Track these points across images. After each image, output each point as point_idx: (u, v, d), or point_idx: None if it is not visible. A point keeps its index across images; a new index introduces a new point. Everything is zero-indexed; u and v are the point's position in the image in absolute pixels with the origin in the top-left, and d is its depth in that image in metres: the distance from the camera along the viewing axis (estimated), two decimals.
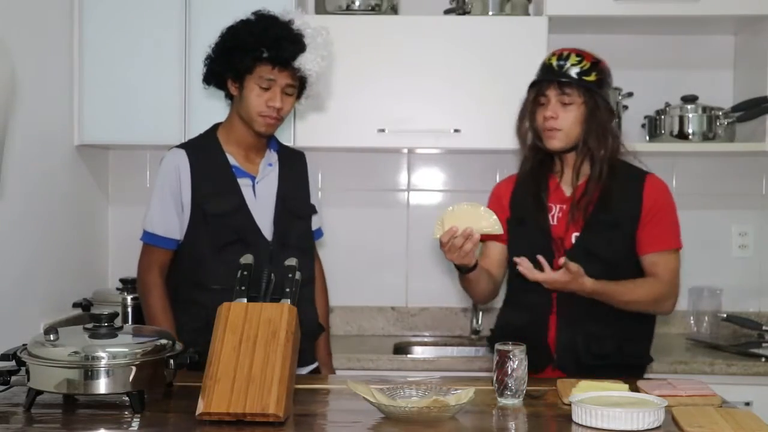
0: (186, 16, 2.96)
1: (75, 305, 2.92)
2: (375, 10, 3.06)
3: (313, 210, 2.47)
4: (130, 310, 2.93)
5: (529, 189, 2.32)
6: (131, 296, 2.95)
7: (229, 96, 2.37)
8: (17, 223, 2.55)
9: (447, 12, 3.14)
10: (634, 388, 1.90)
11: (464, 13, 3.08)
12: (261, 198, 2.34)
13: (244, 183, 2.33)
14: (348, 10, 3.05)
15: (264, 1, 2.92)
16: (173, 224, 2.31)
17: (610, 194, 2.22)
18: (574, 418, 1.71)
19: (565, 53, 2.25)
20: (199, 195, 2.29)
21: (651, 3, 2.98)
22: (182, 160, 2.31)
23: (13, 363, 1.82)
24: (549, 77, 2.24)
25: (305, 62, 2.26)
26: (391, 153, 3.39)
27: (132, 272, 3.07)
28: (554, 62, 2.25)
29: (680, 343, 3.13)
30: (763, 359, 2.81)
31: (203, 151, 2.35)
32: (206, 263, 2.27)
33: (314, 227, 2.50)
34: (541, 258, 2.12)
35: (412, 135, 3.03)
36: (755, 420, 1.69)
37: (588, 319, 2.19)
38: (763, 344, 3.02)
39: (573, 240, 2.24)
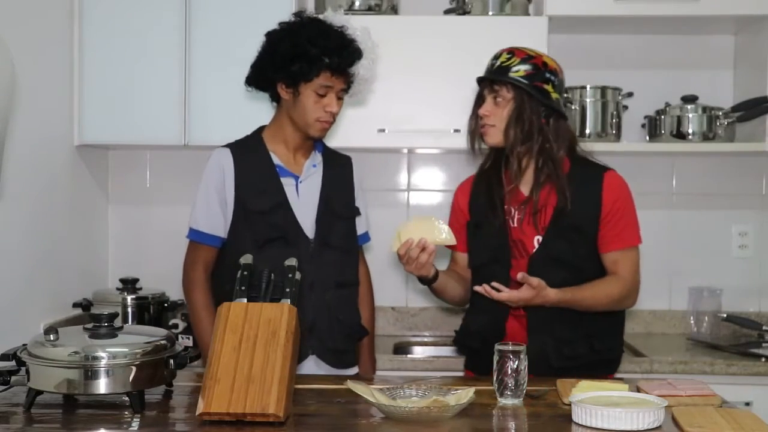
0: (186, 16, 2.96)
1: (75, 305, 2.92)
2: (375, 10, 3.06)
3: (356, 211, 2.49)
4: (130, 310, 2.94)
5: (483, 191, 2.33)
6: (131, 296, 2.95)
7: (275, 98, 2.38)
8: (17, 223, 2.55)
9: (447, 12, 3.14)
10: (634, 389, 1.91)
11: (464, 13, 3.08)
12: (304, 197, 2.37)
13: (287, 182, 2.36)
14: (348, 10, 3.05)
15: (264, 2, 2.95)
16: (218, 222, 2.35)
17: (568, 195, 2.21)
18: (574, 418, 1.71)
19: (500, 52, 2.28)
20: (242, 192, 2.33)
21: (651, 3, 2.98)
22: (227, 158, 2.35)
23: (13, 363, 1.83)
24: (483, 75, 2.29)
25: (361, 68, 2.32)
26: (391, 153, 3.39)
27: (132, 272, 3.10)
28: (490, 61, 2.29)
29: (680, 343, 3.14)
30: (763, 359, 2.80)
31: (248, 150, 2.39)
32: None
33: (360, 231, 2.53)
34: (495, 284, 2.13)
35: (412, 135, 3.03)
36: (755, 420, 1.69)
37: (556, 323, 2.20)
38: (763, 344, 3.01)
39: (535, 243, 2.24)
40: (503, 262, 2.26)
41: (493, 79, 2.24)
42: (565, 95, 3.12)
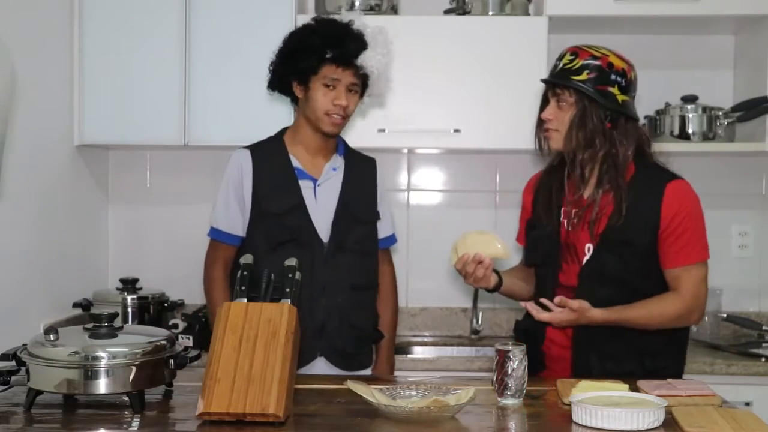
0: (186, 16, 2.96)
1: (75, 305, 2.92)
2: (375, 10, 3.06)
3: (376, 216, 2.49)
4: (130, 310, 2.94)
5: (544, 192, 2.29)
6: (131, 296, 2.95)
7: (294, 100, 2.42)
8: (17, 223, 2.55)
9: (447, 12, 3.14)
10: (634, 388, 1.90)
11: (464, 13, 3.08)
12: (321, 200, 2.38)
13: (305, 185, 2.38)
14: (348, 10, 3.04)
15: (264, 2, 2.95)
16: (236, 221, 2.38)
17: (624, 205, 2.12)
18: (574, 418, 1.71)
19: (564, 52, 2.21)
20: (259, 193, 2.35)
21: (651, 3, 2.97)
22: (246, 159, 2.38)
23: (13, 363, 1.82)
24: (547, 78, 2.24)
25: (367, 60, 2.31)
26: (391, 153, 3.39)
27: (132, 272, 3.10)
28: (555, 62, 2.23)
29: None
30: (763, 359, 2.81)
31: (268, 151, 2.41)
32: (262, 261, 2.26)
33: (385, 234, 2.54)
34: (545, 300, 2.10)
35: (412, 135, 3.03)
36: (755, 420, 1.69)
37: (603, 336, 2.12)
38: (763, 344, 3.02)
39: (587, 251, 2.18)
40: (553, 265, 2.22)
41: (555, 82, 2.18)
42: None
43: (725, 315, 3.17)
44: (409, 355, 3.17)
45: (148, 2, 2.96)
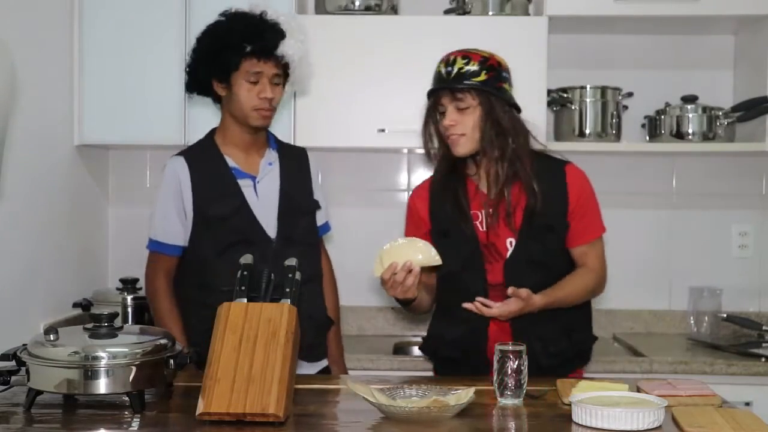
0: (186, 17, 2.96)
1: (75, 305, 2.92)
2: (375, 10, 3.06)
3: (316, 205, 2.48)
4: (130, 310, 2.93)
5: (447, 198, 2.26)
6: (131, 296, 2.95)
7: (216, 100, 2.40)
8: (17, 223, 2.55)
9: (447, 12, 3.14)
10: (634, 389, 1.91)
11: (464, 13, 3.08)
12: (263, 197, 2.36)
13: (245, 184, 2.35)
14: (348, 10, 3.05)
15: (264, 1, 2.94)
16: (177, 231, 2.35)
17: (536, 195, 2.18)
18: (574, 418, 1.71)
19: (452, 57, 2.20)
20: (200, 199, 2.32)
21: (651, 3, 2.98)
22: (182, 167, 2.35)
23: (13, 363, 1.82)
24: (440, 85, 2.21)
25: (287, 48, 2.30)
26: (391, 153, 3.39)
27: (132, 272, 3.09)
28: (443, 69, 2.20)
29: (680, 343, 3.14)
30: (763, 359, 2.81)
31: (202, 156, 2.38)
32: (211, 265, 2.29)
33: (320, 222, 2.52)
34: (483, 300, 2.11)
35: (412, 135, 3.00)
36: (755, 420, 1.69)
37: (539, 323, 2.18)
38: (763, 344, 3.02)
39: (509, 245, 2.21)
40: (477, 268, 2.22)
41: (456, 87, 2.17)
42: (565, 95, 3.13)
43: (725, 315, 3.17)
44: (409, 355, 3.17)
45: (148, 2, 2.96)
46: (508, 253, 2.21)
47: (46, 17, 2.80)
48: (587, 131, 3.11)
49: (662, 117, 3.16)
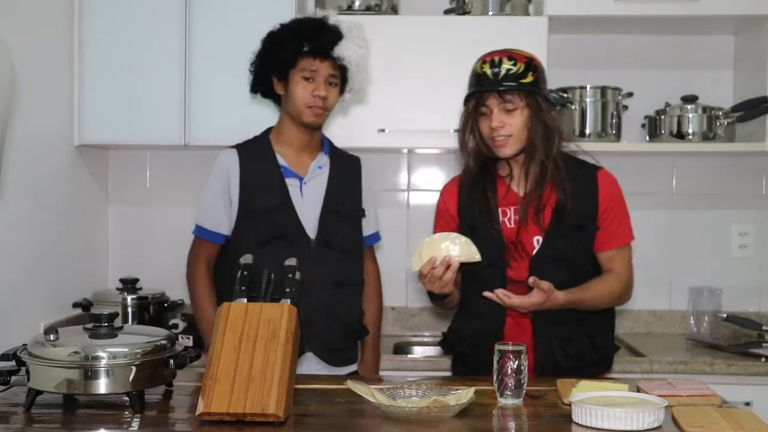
0: (186, 17, 2.96)
1: (75, 305, 2.92)
2: (375, 10, 3.06)
3: (361, 213, 2.52)
4: (130, 310, 2.93)
5: (476, 196, 2.28)
6: (131, 296, 2.95)
7: (276, 101, 2.46)
8: (17, 223, 2.55)
9: (447, 12, 3.14)
10: (634, 389, 1.91)
11: (464, 13, 3.08)
12: (308, 198, 2.42)
13: (291, 183, 2.41)
14: (348, 10, 3.05)
15: (264, 2, 2.95)
16: (221, 220, 2.41)
17: (567, 194, 2.20)
18: (574, 418, 1.71)
19: (497, 59, 2.20)
20: (246, 191, 2.39)
21: (651, 3, 2.98)
22: (232, 158, 2.42)
23: (13, 363, 1.82)
24: (487, 87, 2.20)
25: (344, 50, 2.36)
26: (391, 153, 3.39)
27: (132, 272, 3.10)
28: (488, 70, 2.20)
29: (680, 343, 3.14)
30: (763, 359, 2.80)
31: (254, 151, 2.45)
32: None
33: (369, 231, 2.58)
34: (504, 291, 2.11)
35: (412, 135, 3.03)
36: (755, 420, 1.69)
37: (560, 323, 2.19)
38: (763, 344, 3.01)
39: (536, 243, 2.22)
40: (500, 264, 2.23)
41: (505, 89, 2.17)
42: (565, 95, 3.13)
43: (725, 315, 3.17)
44: (409, 355, 3.17)
45: (148, 2, 2.96)
46: (535, 250, 2.22)
47: (46, 17, 2.80)
48: (587, 131, 3.11)
49: (662, 117, 3.16)
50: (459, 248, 2.12)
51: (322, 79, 2.36)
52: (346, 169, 2.52)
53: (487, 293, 2.13)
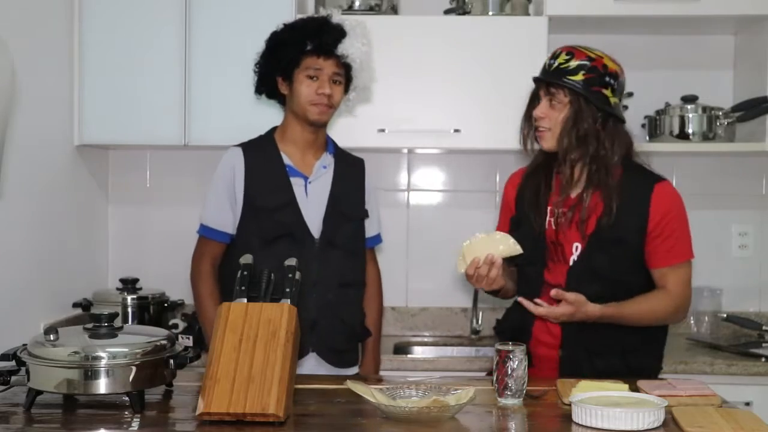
0: (186, 17, 2.96)
1: (75, 305, 2.92)
2: (375, 10, 3.06)
3: (364, 213, 2.52)
4: (130, 310, 2.94)
5: (530, 188, 2.28)
6: (131, 296, 2.95)
7: (281, 101, 2.47)
8: (17, 223, 2.55)
9: (447, 12, 3.14)
10: (634, 388, 1.90)
11: (464, 13, 3.08)
12: (312, 197, 2.41)
13: (296, 182, 2.41)
14: (348, 10, 3.05)
15: (265, 2, 2.95)
16: (226, 218, 2.41)
17: (614, 205, 2.13)
18: (574, 418, 1.71)
19: (558, 51, 2.20)
20: (251, 189, 2.39)
21: (651, 3, 2.97)
22: (238, 157, 2.42)
23: (13, 363, 1.83)
24: (539, 76, 2.23)
25: (347, 48, 2.36)
26: (391, 153, 3.39)
27: (132, 272, 3.10)
28: (547, 61, 2.22)
29: (680, 343, 3.13)
30: (763, 359, 2.80)
31: (259, 150, 2.45)
32: (255, 256, 2.28)
33: (372, 233, 2.58)
34: (538, 301, 2.11)
35: (412, 135, 3.03)
36: (755, 420, 1.69)
37: (590, 333, 2.15)
38: (763, 344, 3.01)
39: (574, 250, 2.19)
40: (540, 263, 2.21)
41: (549, 81, 2.17)
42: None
43: (725, 315, 3.17)
44: (409, 355, 3.17)
45: (148, 2, 2.96)
46: (572, 258, 2.18)
47: (46, 17, 2.80)
48: None
49: (662, 117, 3.16)
50: (499, 244, 2.12)
51: (326, 77, 2.36)
52: (350, 170, 2.53)
53: (520, 299, 2.13)
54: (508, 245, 2.12)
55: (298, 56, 2.34)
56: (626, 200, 2.15)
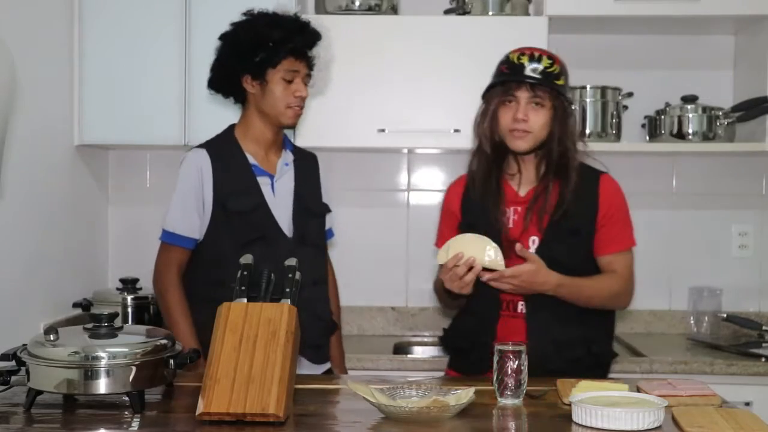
0: (186, 16, 2.96)
1: (75, 305, 2.92)
2: (375, 10, 3.06)
3: (327, 209, 2.51)
4: (130, 310, 2.93)
5: (482, 192, 2.28)
6: (131, 296, 2.95)
7: (238, 99, 2.41)
8: (17, 223, 2.55)
9: (447, 12, 3.14)
10: (634, 389, 1.91)
11: (464, 13, 3.08)
12: (279, 196, 2.39)
13: (263, 182, 2.38)
14: (348, 10, 3.05)
15: (264, 2, 2.95)
16: (193, 224, 2.35)
17: (567, 197, 2.20)
18: (574, 418, 1.71)
19: (536, 54, 2.22)
20: (221, 193, 2.33)
21: (651, 3, 2.98)
22: (204, 159, 2.35)
23: (13, 363, 1.82)
24: (522, 78, 2.20)
25: (320, 50, 2.36)
26: (391, 153, 3.39)
27: (132, 272, 3.09)
28: (526, 63, 2.20)
29: (680, 343, 3.14)
30: (763, 359, 2.80)
31: (223, 150, 2.39)
32: (228, 261, 2.23)
33: (328, 227, 2.56)
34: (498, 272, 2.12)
35: (412, 135, 3.03)
36: (755, 420, 1.69)
37: (556, 325, 2.19)
38: (763, 344, 3.01)
39: (531, 244, 2.22)
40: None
41: (545, 86, 2.18)
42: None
43: (725, 315, 3.17)
44: (409, 355, 3.17)
45: (148, 2, 2.96)
46: (531, 251, 2.21)
47: (45, 17, 2.80)
48: (587, 131, 3.11)
49: (662, 117, 3.16)
50: (485, 253, 2.10)
51: (301, 78, 2.34)
52: (307, 165, 2.50)
53: (484, 278, 2.11)
54: (494, 259, 2.10)
55: (278, 57, 2.29)
56: (577, 192, 2.22)
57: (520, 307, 2.22)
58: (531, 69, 2.20)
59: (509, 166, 2.29)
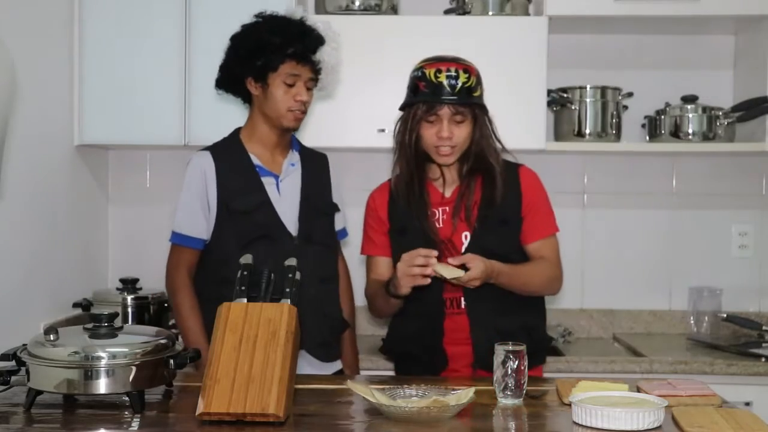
0: (186, 16, 2.96)
1: (75, 305, 2.92)
2: (375, 10, 3.06)
3: (335, 208, 2.52)
4: (130, 310, 2.93)
5: (407, 198, 2.30)
6: (131, 296, 2.95)
7: (245, 99, 2.43)
8: (17, 223, 2.55)
9: (447, 12, 3.14)
10: (634, 389, 1.91)
11: (464, 13, 3.08)
12: (285, 195, 2.40)
13: (268, 182, 2.40)
14: (348, 10, 3.05)
15: (264, 2, 2.95)
16: (200, 225, 2.38)
17: (493, 191, 2.25)
18: (574, 418, 1.71)
19: (453, 70, 2.22)
20: (224, 194, 2.36)
21: (651, 3, 2.98)
22: (208, 161, 2.39)
23: (13, 363, 1.83)
24: (445, 99, 2.21)
25: (324, 54, 2.35)
26: (391, 153, 3.38)
27: (132, 272, 3.10)
28: (444, 81, 2.21)
29: (680, 343, 3.14)
30: (763, 359, 2.81)
31: (228, 152, 2.42)
32: (233, 260, 2.26)
33: (338, 227, 2.57)
34: (451, 259, 2.15)
35: None
36: (755, 420, 1.69)
37: (498, 316, 2.23)
38: (763, 344, 3.01)
39: (464, 239, 2.25)
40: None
41: (464, 103, 2.21)
42: (565, 95, 3.13)
43: (725, 315, 3.17)
44: None
45: (148, 2, 2.96)
46: (464, 246, 2.25)
47: (46, 17, 2.80)
48: (587, 131, 3.11)
49: (662, 117, 3.16)
50: (445, 266, 2.12)
51: (303, 83, 2.34)
52: (316, 166, 2.52)
53: (450, 259, 2.13)
54: (449, 269, 2.11)
55: (277, 61, 2.30)
56: (502, 185, 2.27)
57: (464, 303, 2.25)
58: (449, 87, 2.21)
59: (432, 171, 2.32)
